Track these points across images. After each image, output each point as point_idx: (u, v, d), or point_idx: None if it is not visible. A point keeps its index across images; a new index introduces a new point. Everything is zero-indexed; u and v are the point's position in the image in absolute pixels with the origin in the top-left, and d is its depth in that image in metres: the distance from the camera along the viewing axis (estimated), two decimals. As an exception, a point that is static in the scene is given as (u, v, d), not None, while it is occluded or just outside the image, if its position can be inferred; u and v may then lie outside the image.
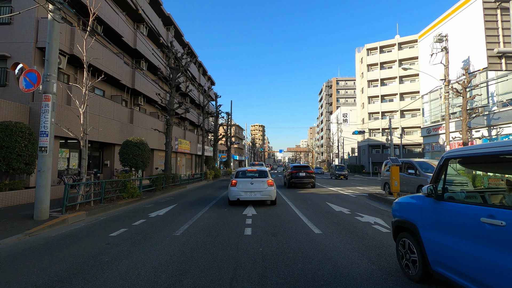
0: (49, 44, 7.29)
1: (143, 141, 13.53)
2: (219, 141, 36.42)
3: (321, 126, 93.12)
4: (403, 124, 40.05)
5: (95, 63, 13.73)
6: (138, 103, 20.91)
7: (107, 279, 3.53)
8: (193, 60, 30.43)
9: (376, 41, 48.25)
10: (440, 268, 2.95)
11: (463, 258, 2.63)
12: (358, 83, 54.45)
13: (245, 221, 7.16)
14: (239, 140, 72.07)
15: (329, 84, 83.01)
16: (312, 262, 4.08)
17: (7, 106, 10.51)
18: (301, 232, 5.96)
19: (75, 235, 5.87)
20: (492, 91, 20.74)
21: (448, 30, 22.09)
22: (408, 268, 3.47)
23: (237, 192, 9.62)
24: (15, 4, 12.35)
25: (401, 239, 3.64)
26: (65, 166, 14.22)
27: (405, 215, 3.60)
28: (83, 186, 8.59)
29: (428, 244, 3.10)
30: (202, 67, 36.94)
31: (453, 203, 2.88)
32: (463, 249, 2.63)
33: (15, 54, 11.99)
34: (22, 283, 3.42)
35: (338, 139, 53.95)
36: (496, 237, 2.33)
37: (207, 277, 3.54)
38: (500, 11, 16.65)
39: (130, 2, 17.31)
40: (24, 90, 7.09)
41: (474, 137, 21.71)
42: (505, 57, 16.14)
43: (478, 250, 2.47)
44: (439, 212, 3.01)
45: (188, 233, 5.95)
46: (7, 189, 9.35)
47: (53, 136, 7.28)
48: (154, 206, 9.96)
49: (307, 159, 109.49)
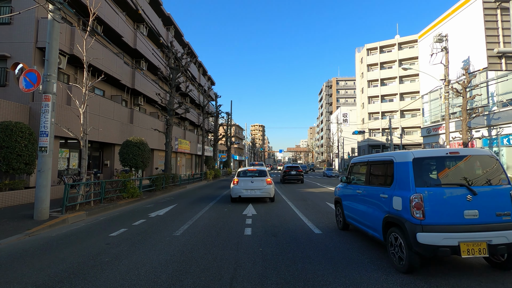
0: (49, 44, 7.29)
1: (143, 141, 13.53)
2: (219, 141, 36.42)
3: (321, 126, 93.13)
4: (403, 124, 40.05)
5: (95, 63, 13.73)
6: (138, 103, 20.91)
7: (107, 279, 3.53)
8: (193, 60, 30.44)
9: (376, 41, 48.26)
10: (349, 219, 5.79)
11: (353, 210, 5.48)
12: (358, 83, 54.46)
13: (245, 221, 7.16)
14: (239, 140, 72.07)
15: (329, 84, 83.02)
16: (312, 262, 4.08)
17: (7, 106, 10.51)
18: (301, 232, 5.96)
19: (75, 235, 5.87)
20: (492, 91, 20.74)
21: (448, 30, 22.10)
22: (339, 223, 6.32)
23: (239, 190, 10.43)
24: (15, 4, 12.34)
25: (336, 207, 6.60)
26: (65, 166, 14.21)
27: (337, 193, 6.58)
28: (83, 186, 8.59)
29: (344, 207, 5.97)
30: (202, 67, 36.94)
31: (351, 185, 5.80)
32: (353, 206, 5.49)
33: (15, 54, 11.99)
34: (22, 283, 3.42)
35: (338, 139, 53.96)
36: (361, 198, 5.13)
37: (207, 277, 3.54)
38: (500, 11, 16.65)
39: (130, 2, 17.32)
40: (24, 90, 7.09)
41: (474, 137, 21.72)
42: (505, 57, 16.13)
43: (356, 205, 5.32)
44: (347, 190, 5.97)
45: (188, 233, 5.95)
46: (7, 189, 9.35)
47: (53, 136, 7.28)
48: (154, 206, 9.96)
49: (307, 159, 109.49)
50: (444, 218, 3.50)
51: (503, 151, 19.94)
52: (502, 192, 3.60)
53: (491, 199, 3.57)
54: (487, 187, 3.64)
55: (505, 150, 19.78)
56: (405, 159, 4.01)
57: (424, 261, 3.99)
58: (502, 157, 19.94)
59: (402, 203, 3.76)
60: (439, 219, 3.50)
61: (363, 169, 5.47)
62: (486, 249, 3.37)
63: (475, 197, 3.52)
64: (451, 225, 3.47)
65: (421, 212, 3.53)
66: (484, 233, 3.41)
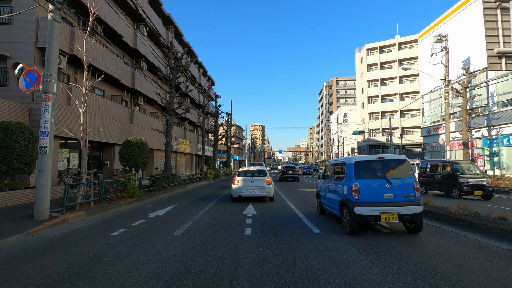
0: (49, 44, 7.29)
1: (143, 141, 13.53)
2: (219, 141, 36.42)
3: (321, 126, 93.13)
4: (403, 124, 40.05)
5: (95, 63, 13.73)
6: (138, 103, 20.91)
7: (107, 279, 3.53)
8: (193, 60, 30.44)
9: (376, 41, 48.26)
10: (324, 206, 7.60)
11: (325, 198, 7.32)
12: (358, 83, 54.46)
13: (245, 221, 7.16)
14: (239, 140, 72.06)
15: (329, 84, 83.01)
16: (312, 262, 4.08)
17: (7, 106, 10.51)
18: (301, 232, 5.96)
19: (75, 235, 5.87)
20: (492, 91, 20.74)
21: (448, 30, 22.10)
22: (318, 209, 8.20)
23: (239, 189, 10.64)
24: (15, 4, 12.34)
25: (316, 197, 8.49)
26: (65, 166, 14.22)
27: (317, 187, 8.43)
28: (83, 186, 8.59)
29: (321, 197, 7.84)
30: (202, 67, 36.94)
31: (326, 180, 7.53)
32: (325, 195, 7.33)
33: (15, 54, 11.99)
34: (22, 283, 3.42)
35: (338, 139, 53.95)
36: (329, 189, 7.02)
37: (207, 277, 3.54)
38: (500, 11, 16.65)
39: (130, 2, 17.31)
40: (24, 90, 7.09)
41: (474, 137, 21.72)
42: (505, 57, 16.13)
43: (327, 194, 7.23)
44: (322, 184, 7.77)
45: (188, 233, 5.95)
46: (7, 189, 9.35)
47: (53, 136, 7.28)
48: (154, 206, 9.96)
49: (307, 159, 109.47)
50: (371, 198, 5.51)
51: (503, 151, 19.93)
52: (408, 182, 5.61)
53: (401, 186, 5.56)
54: (399, 179, 5.62)
55: (505, 150, 19.77)
56: (350, 161, 5.94)
57: (359, 226, 6.00)
58: (502, 157, 19.94)
59: (347, 190, 5.76)
60: (368, 199, 5.51)
61: (331, 168, 7.35)
62: (396, 217, 5.34)
63: (391, 185, 5.52)
64: (375, 202, 5.49)
65: (357, 194, 5.54)
66: (396, 207, 5.40)
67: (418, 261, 4.09)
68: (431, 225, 6.63)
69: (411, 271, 3.69)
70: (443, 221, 6.88)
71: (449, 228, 6.30)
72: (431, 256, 4.32)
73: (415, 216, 5.41)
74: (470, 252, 4.54)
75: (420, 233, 5.79)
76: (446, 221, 6.76)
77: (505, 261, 4.09)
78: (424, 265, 3.91)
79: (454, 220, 6.52)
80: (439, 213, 7.11)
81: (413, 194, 5.53)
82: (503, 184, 14.58)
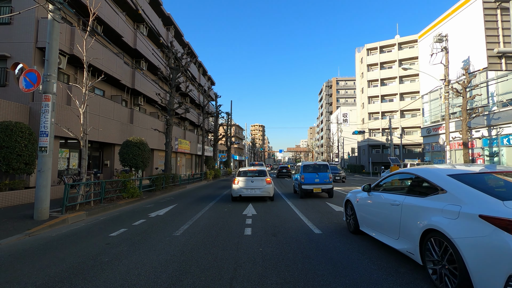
0: (49, 44, 7.29)
1: (143, 141, 13.53)
2: (219, 141, 36.41)
3: (321, 126, 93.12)
4: (403, 124, 40.04)
5: (95, 63, 13.73)
6: (138, 103, 20.91)
7: (107, 279, 3.53)
8: (193, 60, 30.43)
9: (376, 41, 48.24)
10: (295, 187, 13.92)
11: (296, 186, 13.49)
12: (358, 83, 54.44)
13: (245, 221, 7.16)
14: (239, 140, 72.06)
15: (329, 84, 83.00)
16: (312, 262, 4.08)
17: (7, 106, 10.51)
18: (301, 232, 5.96)
19: (75, 235, 5.87)
20: (492, 91, 20.73)
21: (448, 30, 22.09)
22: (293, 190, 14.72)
23: (240, 189, 10.74)
24: (15, 4, 12.35)
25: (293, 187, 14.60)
26: (65, 166, 14.22)
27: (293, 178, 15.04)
28: (83, 186, 8.59)
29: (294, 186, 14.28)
30: (202, 67, 36.93)
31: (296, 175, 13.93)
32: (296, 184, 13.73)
33: (15, 54, 11.99)
34: (22, 283, 3.42)
35: (338, 139, 53.95)
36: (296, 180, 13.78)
37: (207, 277, 3.54)
38: (500, 11, 16.64)
39: (130, 2, 17.32)
40: (24, 90, 7.09)
41: (474, 137, 21.71)
42: (505, 57, 16.12)
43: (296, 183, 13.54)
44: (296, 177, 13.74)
45: (188, 233, 5.95)
46: (7, 189, 9.35)
47: (53, 136, 7.28)
48: (154, 206, 9.96)
49: (307, 159, 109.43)
50: (309, 181, 11.72)
51: (503, 151, 19.94)
52: (326, 174, 11.86)
53: (324, 176, 11.80)
54: (323, 173, 11.86)
55: (505, 150, 19.77)
56: (302, 164, 12.53)
57: (305, 195, 11.97)
58: (502, 157, 19.94)
59: (299, 178, 12.02)
60: (308, 181, 11.71)
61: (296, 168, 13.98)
62: (320, 190, 11.65)
63: (318, 175, 11.78)
64: (311, 183, 11.68)
65: (303, 179, 11.75)
66: (320, 185, 11.68)
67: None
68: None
69: (412, 271, 3.69)
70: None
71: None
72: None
73: (330, 190, 11.93)
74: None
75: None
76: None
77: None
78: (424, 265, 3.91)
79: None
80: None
81: (328, 180, 11.82)
82: (503, 184, 14.57)
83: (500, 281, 2.42)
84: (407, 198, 3.96)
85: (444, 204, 3.22)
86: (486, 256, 2.59)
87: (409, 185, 4.31)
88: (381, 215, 4.58)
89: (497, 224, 2.57)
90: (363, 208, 5.28)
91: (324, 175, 11.80)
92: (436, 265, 3.18)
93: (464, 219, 2.90)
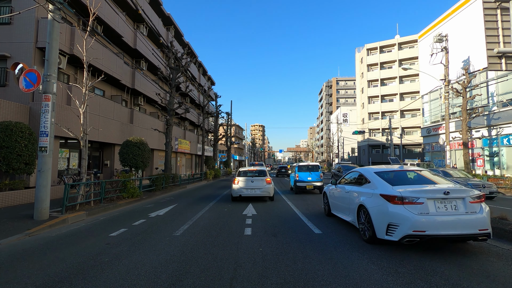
0: (49, 44, 7.29)
1: (143, 141, 13.53)
2: (219, 141, 36.40)
3: (321, 126, 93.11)
4: (403, 124, 40.04)
5: (95, 63, 13.73)
6: (138, 103, 20.91)
7: (107, 279, 3.53)
8: (193, 60, 30.43)
9: (376, 41, 48.26)
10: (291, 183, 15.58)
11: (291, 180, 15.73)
12: (358, 83, 54.45)
13: (245, 221, 7.16)
14: (239, 140, 72.05)
15: (329, 84, 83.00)
16: (312, 262, 4.08)
17: (7, 106, 10.51)
18: (301, 232, 5.96)
19: (75, 235, 5.87)
20: (492, 91, 20.73)
21: (448, 30, 22.09)
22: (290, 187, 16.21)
23: (240, 189, 10.73)
24: (15, 4, 12.35)
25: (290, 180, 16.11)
26: (65, 166, 14.22)
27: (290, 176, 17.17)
28: (83, 186, 8.59)
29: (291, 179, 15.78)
30: (202, 67, 36.93)
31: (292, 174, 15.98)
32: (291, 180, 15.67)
33: (15, 54, 11.99)
34: (22, 283, 3.42)
35: (338, 139, 53.94)
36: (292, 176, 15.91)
37: (207, 277, 3.54)
38: (500, 11, 16.64)
39: (130, 2, 17.32)
40: (24, 90, 7.09)
41: (474, 137, 21.71)
42: (505, 57, 16.13)
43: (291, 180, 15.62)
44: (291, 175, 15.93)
45: (188, 233, 5.95)
46: (7, 189, 9.35)
47: (53, 136, 7.28)
48: (154, 206, 9.96)
49: (307, 159, 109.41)
50: (303, 179, 13.75)
51: (503, 151, 19.93)
52: (318, 173, 13.91)
53: (316, 175, 13.86)
54: (315, 172, 13.93)
55: (505, 150, 19.77)
56: (297, 165, 14.71)
57: (299, 191, 13.99)
58: (502, 157, 19.94)
59: (295, 176, 14.02)
60: (302, 179, 13.74)
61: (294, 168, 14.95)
62: (312, 187, 13.72)
63: (311, 174, 13.81)
64: (304, 181, 13.71)
65: (297, 178, 13.81)
66: (312, 183, 13.66)
67: (418, 261, 4.09)
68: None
69: (411, 271, 3.69)
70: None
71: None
72: (430, 256, 4.32)
73: (320, 187, 13.51)
74: (470, 252, 4.54)
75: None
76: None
77: (505, 261, 4.09)
78: (424, 265, 3.91)
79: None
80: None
81: (319, 178, 13.67)
82: (503, 184, 14.58)
83: (384, 227, 4.60)
84: (353, 187, 6.09)
85: (368, 189, 5.38)
86: (380, 215, 4.73)
87: (356, 179, 6.29)
88: (340, 200, 6.70)
89: (385, 198, 4.70)
90: (332, 196, 7.33)
91: (316, 174, 13.82)
92: (362, 225, 5.29)
93: (374, 197, 5.03)
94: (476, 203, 4.42)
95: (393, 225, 4.47)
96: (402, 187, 4.74)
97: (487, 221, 4.31)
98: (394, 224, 4.46)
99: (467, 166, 17.53)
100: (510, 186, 14.27)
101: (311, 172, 13.82)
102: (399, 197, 4.51)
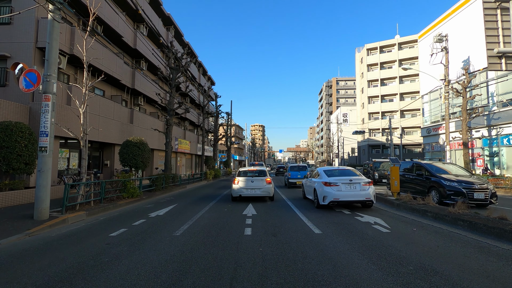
0: (49, 44, 7.29)
1: (143, 141, 13.53)
2: (219, 141, 36.41)
3: (321, 126, 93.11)
4: (403, 124, 40.04)
5: (95, 63, 13.73)
6: (138, 103, 20.91)
7: (107, 279, 3.53)
8: (193, 60, 30.43)
9: (376, 41, 48.28)
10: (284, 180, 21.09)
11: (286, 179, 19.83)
12: (358, 83, 54.45)
13: (245, 221, 7.16)
14: (239, 140, 72.06)
15: (329, 84, 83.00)
16: (312, 262, 4.08)
17: (7, 106, 10.51)
18: (301, 232, 5.96)
19: (75, 235, 5.87)
20: (492, 91, 20.73)
21: (448, 30, 22.08)
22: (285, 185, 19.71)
23: (240, 189, 10.74)
24: (15, 4, 12.35)
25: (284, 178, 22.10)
26: (65, 166, 14.22)
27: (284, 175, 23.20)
28: (83, 186, 8.59)
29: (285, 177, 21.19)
30: (202, 67, 36.93)
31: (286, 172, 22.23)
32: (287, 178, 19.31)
33: (15, 54, 11.99)
34: (22, 283, 3.42)
35: (338, 139, 53.94)
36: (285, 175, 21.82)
37: (207, 277, 3.54)
38: (500, 11, 16.63)
39: (130, 2, 17.32)
40: (24, 90, 7.09)
41: (474, 137, 21.71)
42: (505, 57, 16.12)
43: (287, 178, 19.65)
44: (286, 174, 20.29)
45: (188, 233, 5.95)
46: (7, 189, 9.35)
47: (53, 136, 7.28)
48: (154, 206, 9.96)
49: (307, 159, 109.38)
50: (294, 176, 18.05)
51: (503, 151, 19.93)
52: (305, 171, 17.51)
53: (303, 173, 17.03)
54: (303, 171, 17.80)
55: (505, 150, 19.77)
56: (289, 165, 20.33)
57: (290, 186, 18.14)
58: (502, 157, 19.94)
59: (287, 174, 18.91)
60: (293, 177, 18.08)
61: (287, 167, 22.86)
62: (301, 183, 12.74)
63: (300, 172, 17.92)
64: (295, 178, 17.93)
65: (289, 175, 18.34)
66: (301, 179, 15.84)
67: (418, 261, 4.09)
68: (431, 225, 6.63)
69: (411, 271, 3.69)
70: (443, 221, 6.87)
71: (449, 228, 6.30)
72: (431, 256, 4.32)
73: None
74: (470, 252, 4.55)
75: (420, 233, 5.82)
76: (446, 221, 6.76)
77: (505, 261, 4.09)
78: (424, 265, 3.91)
79: (454, 220, 6.52)
80: (439, 213, 7.11)
81: (306, 175, 13.39)
82: (503, 184, 14.58)
83: (321, 198, 8.66)
84: (313, 179, 9.97)
85: (318, 180, 9.33)
86: (321, 192, 8.75)
87: (315, 174, 10.39)
88: (308, 187, 10.73)
89: (323, 184, 8.74)
90: (305, 185, 11.45)
91: (304, 173, 17.29)
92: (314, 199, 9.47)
93: (319, 184, 9.00)
94: (366, 185, 8.44)
95: (325, 197, 8.47)
96: (332, 178, 8.73)
97: (371, 194, 8.36)
98: (325, 196, 8.46)
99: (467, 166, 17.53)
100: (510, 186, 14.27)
101: (300, 171, 18.09)
102: (328, 183, 8.57)
